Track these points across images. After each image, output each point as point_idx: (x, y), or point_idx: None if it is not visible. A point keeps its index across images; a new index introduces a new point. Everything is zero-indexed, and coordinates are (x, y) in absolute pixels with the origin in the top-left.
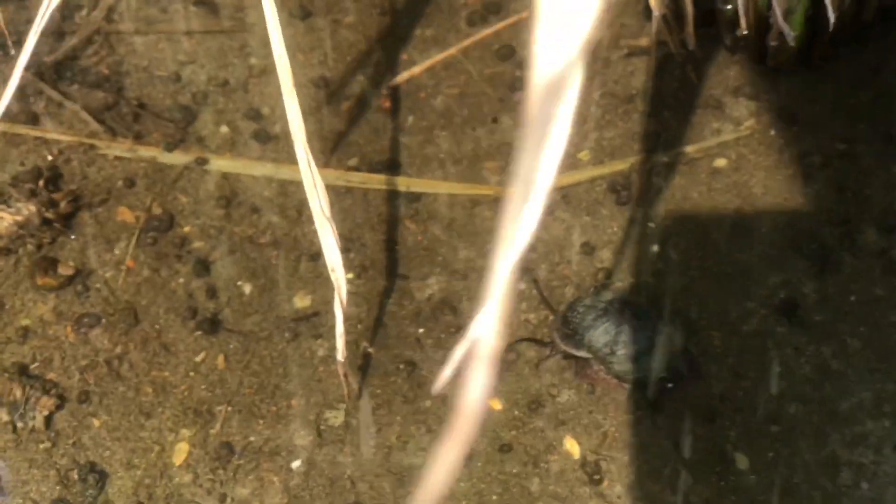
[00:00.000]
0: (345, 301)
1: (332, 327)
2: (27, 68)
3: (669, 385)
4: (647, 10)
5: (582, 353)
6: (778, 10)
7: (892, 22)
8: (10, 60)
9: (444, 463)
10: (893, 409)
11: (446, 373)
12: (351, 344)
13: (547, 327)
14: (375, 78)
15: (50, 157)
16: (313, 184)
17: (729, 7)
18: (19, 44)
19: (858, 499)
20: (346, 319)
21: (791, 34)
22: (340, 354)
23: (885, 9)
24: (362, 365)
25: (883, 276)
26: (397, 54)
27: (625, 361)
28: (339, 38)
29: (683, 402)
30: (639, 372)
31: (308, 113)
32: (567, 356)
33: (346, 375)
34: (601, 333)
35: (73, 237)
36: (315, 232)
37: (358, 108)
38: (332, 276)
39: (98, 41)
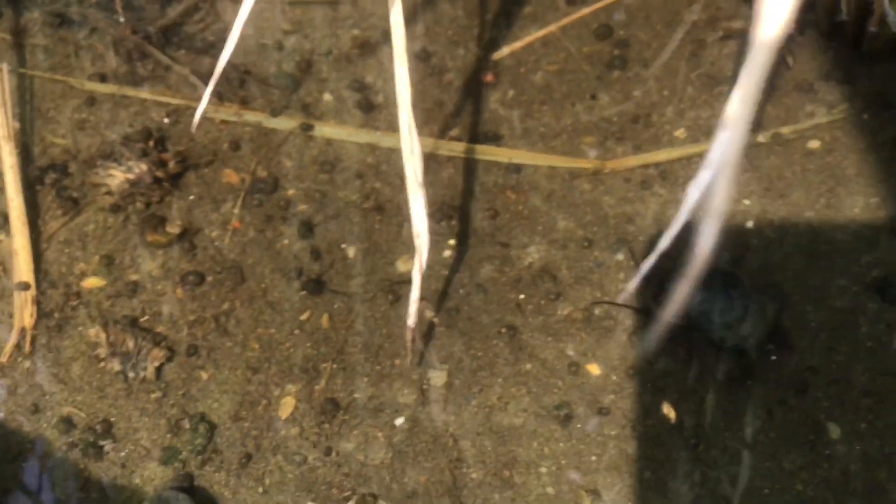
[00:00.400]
0: (424, 267)
1: (435, 290)
2: (136, 32)
3: (771, 355)
4: None
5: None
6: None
7: None
8: (119, 25)
9: None
10: None
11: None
12: (452, 310)
13: (643, 296)
14: (476, 52)
15: (158, 120)
16: (411, 150)
17: None
18: (129, 8)
19: None
20: (449, 285)
21: (895, 19)
22: (411, 320)
23: None
24: (465, 328)
25: None
26: (498, 30)
27: (720, 329)
28: (440, 13)
29: (777, 372)
30: (733, 339)
31: (412, 83)
32: (661, 323)
33: (413, 340)
34: (699, 301)
35: (180, 197)
36: None
37: (460, 80)
38: (416, 242)
39: (204, 8)
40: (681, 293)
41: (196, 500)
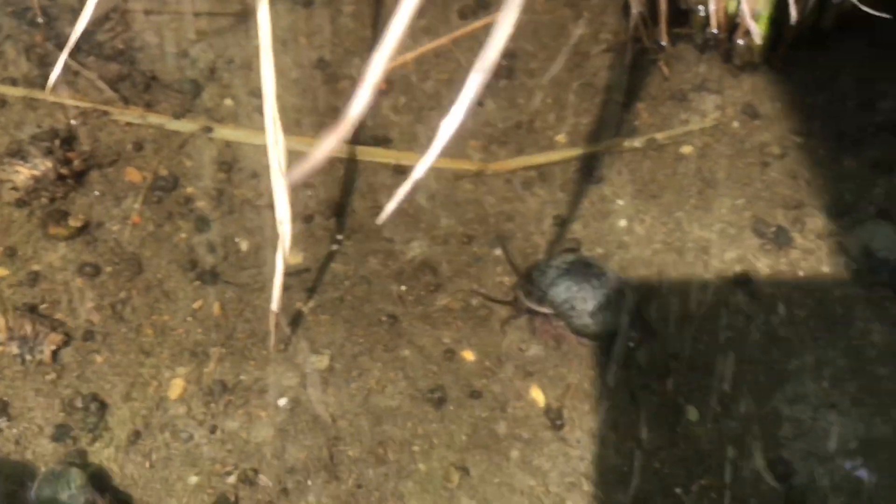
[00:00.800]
0: (287, 252)
1: (324, 283)
2: (48, 39)
3: (629, 343)
4: (626, 9)
5: (544, 309)
6: (747, 11)
7: (848, 31)
8: (32, 33)
9: None
10: (832, 373)
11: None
12: (336, 300)
13: (515, 288)
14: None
15: (65, 121)
16: (275, 141)
17: (701, 8)
18: (44, 17)
19: (797, 451)
20: (334, 276)
21: (758, 32)
22: (275, 304)
23: (843, 18)
24: (348, 316)
25: (829, 255)
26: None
27: (583, 316)
28: (339, 25)
29: (642, 359)
30: (595, 327)
31: (307, 91)
32: (530, 312)
33: (277, 324)
34: (562, 290)
35: (84, 193)
36: (309, 196)
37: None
38: (280, 229)
39: (114, 18)
40: (545, 284)
41: (87, 475)
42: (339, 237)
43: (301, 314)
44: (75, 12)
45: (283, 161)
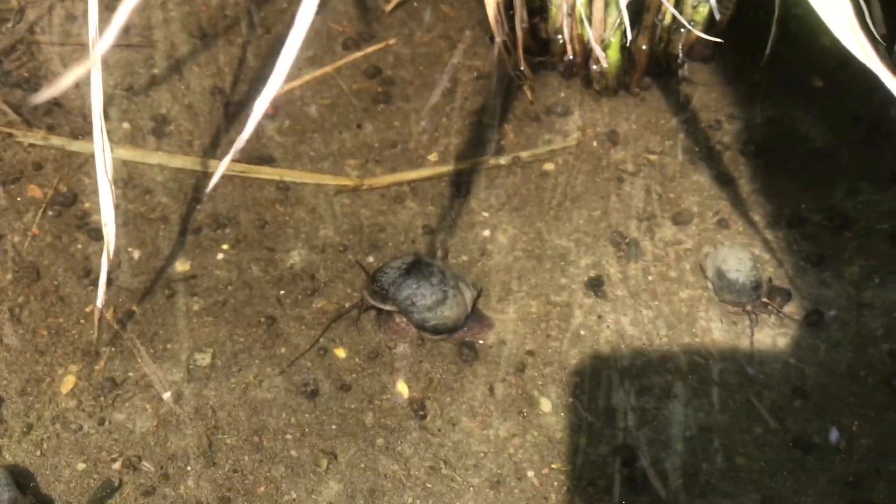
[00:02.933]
0: (111, 253)
1: (209, 288)
2: None
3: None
4: (493, 38)
5: (387, 307)
6: (594, 41)
7: (697, 62)
8: None
9: None
10: (676, 367)
11: None
12: (219, 303)
13: (365, 290)
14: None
15: None
16: (102, 149)
17: (559, 38)
18: None
19: (641, 439)
20: (219, 282)
21: (606, 59)
22: (100, 301)
23: (691, 47)
24: (230, 318)
25: (676, 261)
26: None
27: (422, 311)
28: (231, 55)
29: (499, 354)
30: (434, 321)
31: (201, 115)
32: (374, 309)
33: (100, 320)
34: (404, 288)
35: None
36: (198, 210)
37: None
38: (104, 231)
39: (21, 49)
40: (387, 283)
41: (7, 472)
42: (225, 247)
43: (186, 316)
44: None
45: (109, 169)
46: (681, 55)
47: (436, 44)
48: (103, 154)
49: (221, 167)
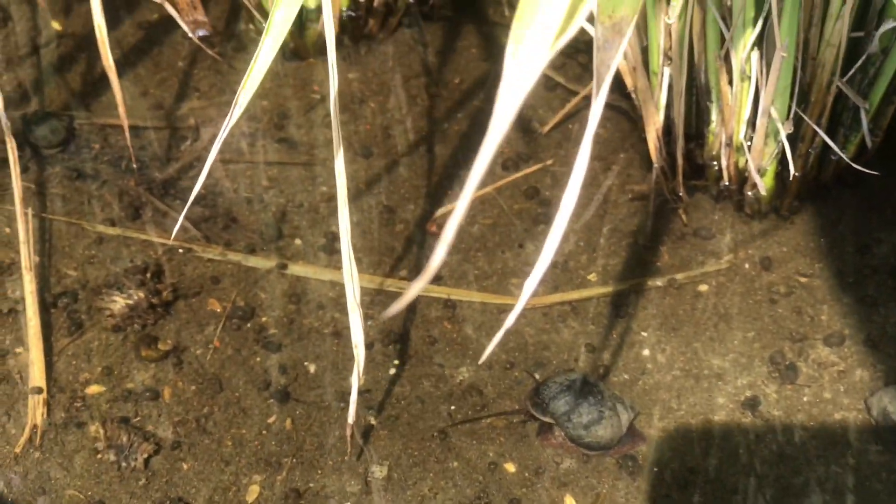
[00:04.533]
0: (362, 372)
1: (383, 402)
2: (139, 185)
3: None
4: (649, 162)
5: (546, 419)
6: (753, 168)
7: (846, 185)
8: (126, 178)
9: None
10: (834, 487)
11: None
12: (392, 417)
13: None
14: (424, 207)
15: (155, 257)
16: (350, 275)
17: (715, 164)
18: (139, 163)
19: None
20: (392, 396)
21: (763, 186)
22: (351, 417)
23: (840, 174)
24: (404, 431)
25: (830, 383)
26: (443, 190)
27: (577, 428)
28: (396, 174)
29: (661, 471)
30: (588, 438)
31: (368, 233)
32: (535, 419)
33: (352, 435)
34: (562, 404)
35: (171, 320)
36: (369, 325)
37: (409, 230)
38: (355, 352)
39: (197, 166)
40: (548, 397)
41: None
42: (396, 362)
43: (364, 430)
44: (163, 160)
45: (357, 292)
46: (832, 181)
47: (591, 165)
48: (351, 280)
49: (414, 290)
